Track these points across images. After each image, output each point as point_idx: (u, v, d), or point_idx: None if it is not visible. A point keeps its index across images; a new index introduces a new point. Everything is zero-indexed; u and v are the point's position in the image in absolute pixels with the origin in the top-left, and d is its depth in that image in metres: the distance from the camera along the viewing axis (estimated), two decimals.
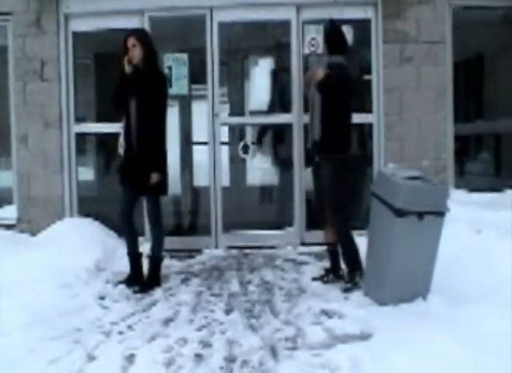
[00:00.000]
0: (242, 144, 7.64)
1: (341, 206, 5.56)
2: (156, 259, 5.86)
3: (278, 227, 7.65)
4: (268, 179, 8.57)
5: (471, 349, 3.71)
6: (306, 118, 6.37)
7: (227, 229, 7.64)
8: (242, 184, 8.72)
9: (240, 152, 7.71)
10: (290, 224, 7.61)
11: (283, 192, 7.99)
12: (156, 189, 5.72)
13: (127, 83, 5.64)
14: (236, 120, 8.44)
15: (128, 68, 5.61)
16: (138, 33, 5.79)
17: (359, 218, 6.99)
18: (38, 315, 4.89)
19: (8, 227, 7.48)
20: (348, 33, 5.81)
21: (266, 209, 8.39)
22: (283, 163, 8.04)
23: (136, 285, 5.71)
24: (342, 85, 5.49)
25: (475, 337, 3.86)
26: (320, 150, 5.58)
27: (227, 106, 8.52)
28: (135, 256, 5.89)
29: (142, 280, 5.84)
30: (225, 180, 7.96)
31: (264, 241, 7.50)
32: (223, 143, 7.77)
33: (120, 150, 5.85)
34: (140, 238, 6.11)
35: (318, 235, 6.32)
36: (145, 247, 6.12)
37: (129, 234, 5.89)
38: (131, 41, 5.60)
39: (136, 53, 5.60)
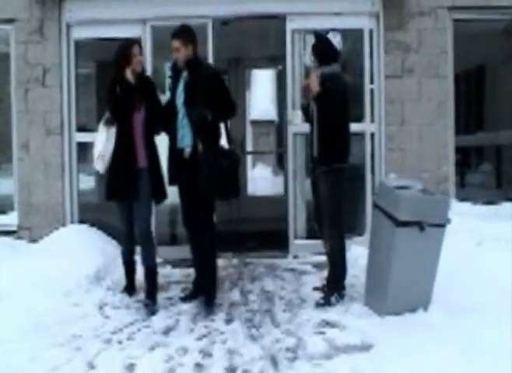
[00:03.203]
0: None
1: (337, 219, 5.51)
2: (154, 267, 5.77)
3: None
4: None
5: (472, 361, 3.71)
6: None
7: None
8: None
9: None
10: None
11: None
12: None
13: (129, 93, 5.41)
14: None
15: (131, 78, 5.42)
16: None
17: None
18: (39, 322, 4.89)
19: (9, 234, 7.46)
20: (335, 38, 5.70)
21: None
22: None
23: (148, 299, 5.48)
24: (339, 96, 5.44)
25: (476, 349, 3.85)
26: (320, 162, 5.50)
27: None
28: (132, 265, 5.89)
29: (135, 288, 5.86)
30: None
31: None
32: None
33: (100, 164, 5.55)
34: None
35: None
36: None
37: (129, 246, 5.84)
38: (136, 49, 5.49)
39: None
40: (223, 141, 5.49)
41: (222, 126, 5.52)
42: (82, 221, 7.61)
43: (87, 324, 4.97)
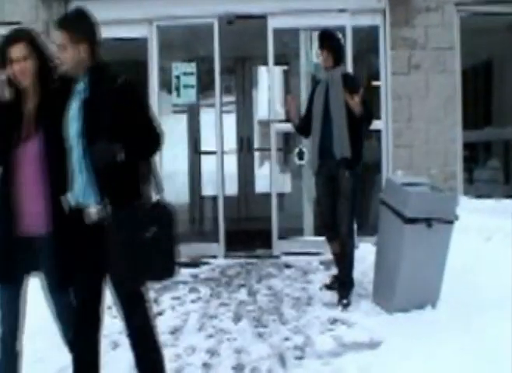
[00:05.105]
0: (297, 150, 7.35)
1: (353, 219, 5.53)
2: None
3: None
4: None
5: (480, 358, 3.69)
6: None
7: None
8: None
9: (295, 159, 7.41)
10: None
11: None
12: None
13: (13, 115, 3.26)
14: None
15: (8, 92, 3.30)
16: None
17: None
18: (45, 323, 4.88)
19: None
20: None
21: None
22: None
23: None
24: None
25: (485, 346, 3.83)
26: (351, 164, 5.37)
27: None
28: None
29: None
30: None
31: None
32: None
33: None
34: None
35: None
36: None
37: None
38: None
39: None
40: (150, 189, 3.27)
41: (145, 165, 3.25)
42: None
43: None
